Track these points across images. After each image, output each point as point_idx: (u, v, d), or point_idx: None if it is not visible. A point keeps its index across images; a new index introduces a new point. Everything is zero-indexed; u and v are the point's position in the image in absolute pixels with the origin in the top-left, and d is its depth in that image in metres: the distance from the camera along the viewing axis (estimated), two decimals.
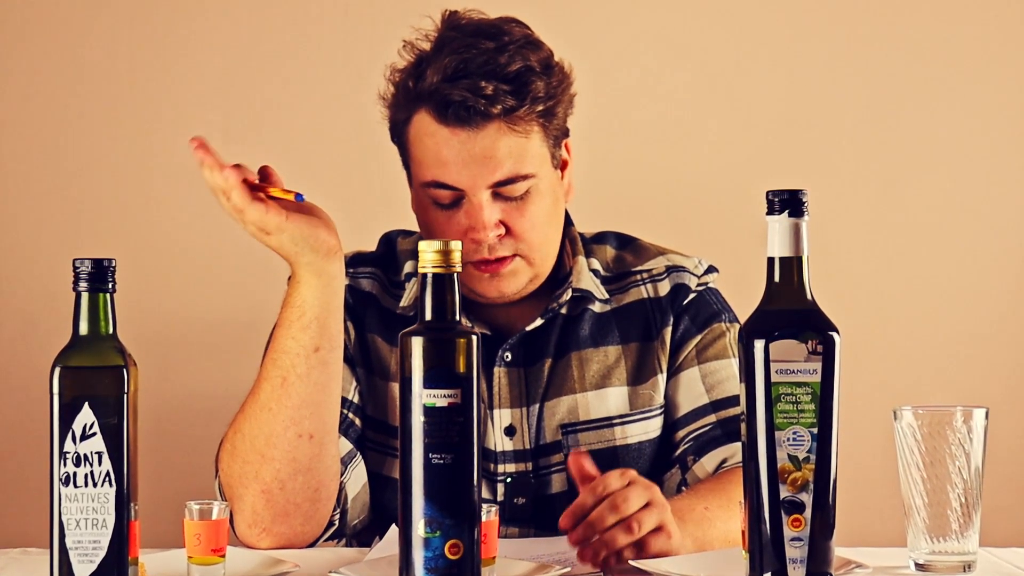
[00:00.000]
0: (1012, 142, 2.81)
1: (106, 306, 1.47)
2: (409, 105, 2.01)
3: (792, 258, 1.47)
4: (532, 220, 2.01)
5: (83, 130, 2.78)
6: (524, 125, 1.99)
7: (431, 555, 1.41)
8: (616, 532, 1.68)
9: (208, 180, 1.81)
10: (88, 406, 1.43)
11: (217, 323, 2.77)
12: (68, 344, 1.46)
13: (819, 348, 1.44)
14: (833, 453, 1.44)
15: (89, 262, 1.46)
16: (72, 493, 1.43)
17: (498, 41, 1.99)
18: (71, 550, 1.43)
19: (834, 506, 1.44)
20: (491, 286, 2.03)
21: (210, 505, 1.64)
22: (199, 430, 2.64)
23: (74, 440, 1.43)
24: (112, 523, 1.43)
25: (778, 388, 1.44)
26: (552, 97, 2.01)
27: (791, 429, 1.43)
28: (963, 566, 1.73)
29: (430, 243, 1.45)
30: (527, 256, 2.03)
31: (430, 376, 1.42)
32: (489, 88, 1.95)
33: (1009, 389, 2.80)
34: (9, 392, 2.75)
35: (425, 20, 2.04)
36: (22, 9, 2.77)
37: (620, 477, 1.72)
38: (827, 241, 2.66)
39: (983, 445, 1.74)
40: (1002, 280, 2.81)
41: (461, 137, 1.97)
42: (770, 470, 1.44)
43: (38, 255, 2.77)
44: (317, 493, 1.91)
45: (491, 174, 1.98)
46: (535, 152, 2.01)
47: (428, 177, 2.00)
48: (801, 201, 1.47)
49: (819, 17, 2.81)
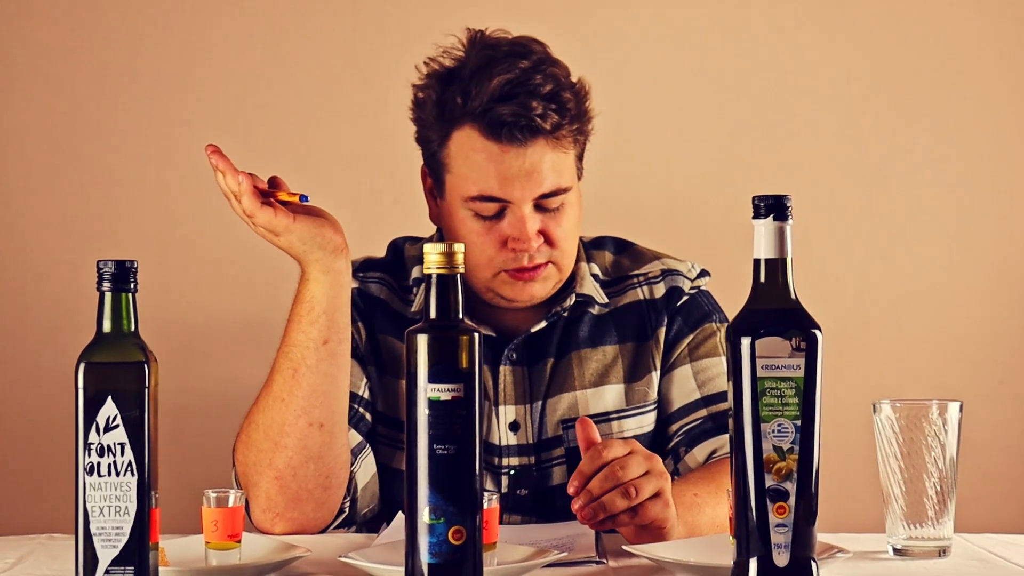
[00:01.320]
0: (982, 151, 2.81)
1: (128, 305, 1.47)
2: (451, 122, 2.01)
3: (777, 260, 1.47)
4: (566, 230, 2.03)
5: (106, 140, 2.78)
6: (565, 141, 2.01)
7: (435, 540, 1.41)
8: (614, 496, 1.68)
9: (221, 185, 1.82)
10: (111, 400, 1.43)
11: (232, 322, 2.77)
12: (92, 341, 1.46)
13: (802, 345, 1.44)
14: (816, 444, 1.44)
15: (112, 264, 1.46)
16: (96, 482, 1.43)
17: (530, 60, 2.00)
18: (95, 536, 1.43)
19: (816, 494, 1.44)
20: (524, 291, 2.03)
21: (226, 493, 1.64)
22: (216, 423, 2.64)
23: (98, 432, 1.43)
24: (134, 510, 1.43)
25: (763, 383, 1.44)
26: (582, 114, 2.03)
27: (776, 421, 1.43)
28: (939, 551, 1.73)
29: (435, 245, 1.45)
30: (558, 263, 2.04)
31: (434, 371, 1.42)
32: (539, 108, 1.97)
33: (982, 384, 2.79)
34: (37, 386, 2.75)
35: (449, 38, 2.03)
36: (47, 22, 2.77)
37: (623, 445, 1.72)
38: (810, 243, 2.66)
39: (957, 437, 1.74)
40: (976, 281, 2.81)
41: (511, 154, 1.98)
42: (756, 460, 1.44)
43: (64, 257, 2.77)
44: (328, 480, 1.91)
45: (537, 187, 1.99)
46: (571, 166, 2.03)
47: (474, 191, 2.00)
48: (785, 206, 1.47)
49: (801, 37, 2.81)
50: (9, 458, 2.76)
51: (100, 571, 1.43)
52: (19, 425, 2.76)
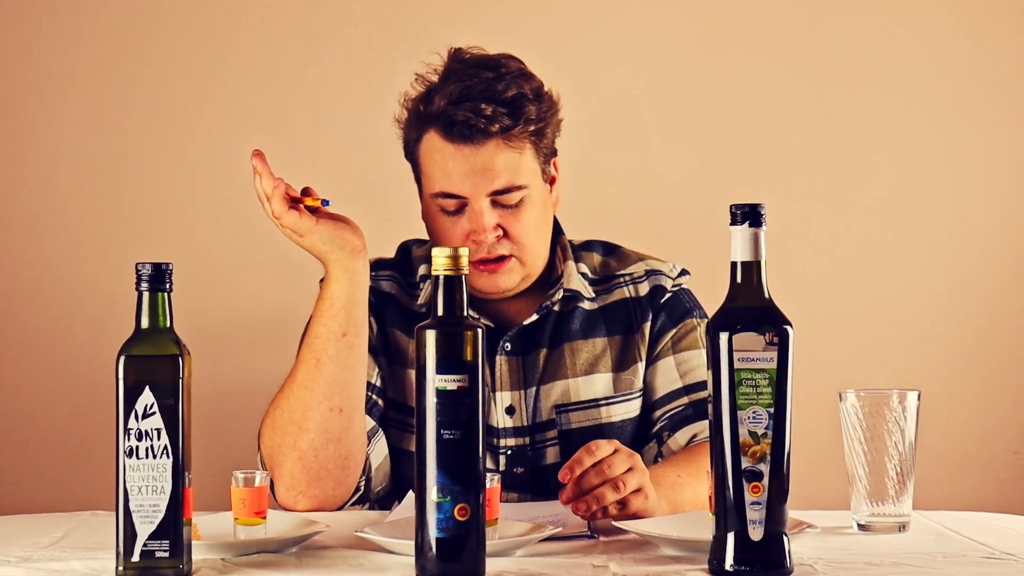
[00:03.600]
0: (936, 166, 2.81)
1: (164, 303, 1.47)
2: (420, 126, 2.02)
3: (752, 262, 1.47)
4: (525, 225, 2.02)
5: (143, 153, 2.78)
6: (518, 142, 2.00)
7: (443, 517, 1.41)
8: (604, 489, 1.70)
9: (257, 188, 1.84)
10: (148, 389, 1.43)
11: (257, 319, 2.77)
12: (131, 336, 1.46)
13: (775, 340, 1.44)
14: (787, 430, 1.44)
15: (149, 266, 1.46)
16: (135, 464, 1.43)
17: (496, 72, 2.00)
18: (134, 512, 1.43)
19: (788, 475, 1.44)
20: (490, 282, 2.04)
21: (253, 474, 1.64)
22: (244, 410, 2.64)
23: (136, 418, 1.43)
24: (169, 489, 1.43)
25: (740, 374, 1.44)
26: (542, 120, 2.02)
27: (751, 409, 1.43)
28: (898, 526, 1.73)
29: (442, 249, 1.45)
30: (520, 257, 2.04)
31: (441, 364, 1.42)
32: (488, 110, 1.96)
33: (938, 374, 2.79)
34: (81, 378, 2.75)
35: (434, 56, 2.04)
36: (95, 47, 2.78)
37: (609, 445, 1.75)
38: (783, 247, 2.66)
39: (916, 423, 1.74)
40: (931, 283, 2.81)
41: (464, 152, 1.98)
42: (733, 444, 1.44)
43: (105, 260, 2.77)
44: (346, 461, 1.91)
45: (490, 184, 1.99)
46: (528, 166, 2.02)
47: (436, 188, 2.01)
48: (760, 213, 1.47)
49: (773, 52, 2.81)
50: (56, 442, 2.77)
51: (138, 544, 1.43)
52: (65, 412, 2.76)
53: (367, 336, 1.91)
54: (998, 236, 2.81)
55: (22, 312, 2.78)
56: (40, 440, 2.77)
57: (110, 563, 1.49)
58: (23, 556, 1.58)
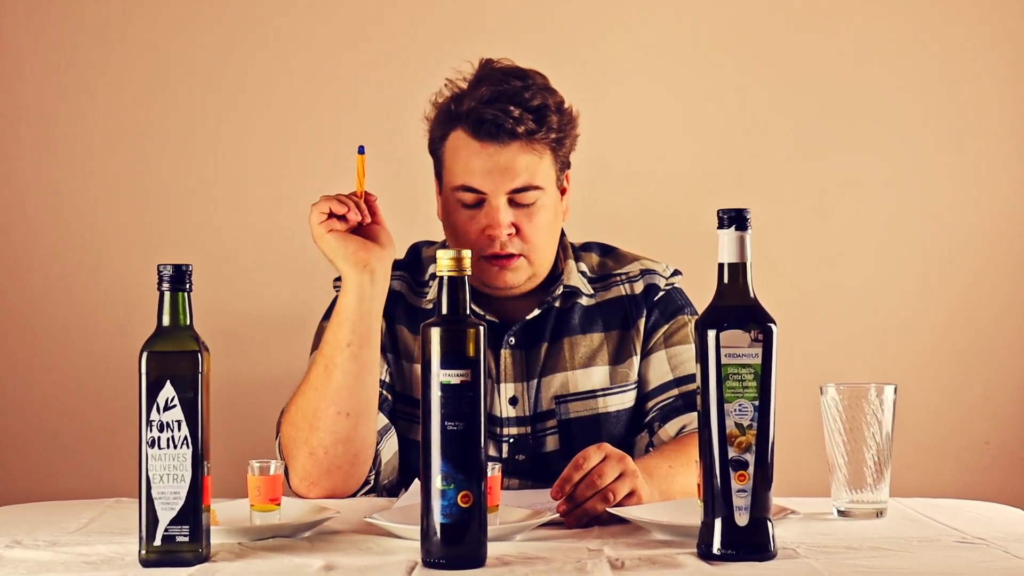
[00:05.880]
0: (906, 172, 2.81)
1: (184, 302, 1.47)
2: (448, 123, 2.02)
3: (738, 264, 1.47)
4: (537, 226, 2.02)
5: (167, 160, 2.78)
6: (539, 147, 2.00)
7: (447, 503, 1.41)
8: (595, 501, 1.68)
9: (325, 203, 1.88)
10: (170, 384, 1.43)
11: (273, 318, 2.77)
12: (153, 334, 1.46)
13: (760, 337, 1.44)
14: (771, 421, 1.44)
15: (171, 267, 1.46)
16: (157, 453, 1.43)
17: (524, 81, 2.02)
18: (156, 499, 1.43)
19: (772, 464, 1.44)
20: (499, 277, 2.03)
21: (268, 463, 1.64)
22: (260, 403, 2.64)
23: (158, 411, 1.43)
24: (189, 478, 1.43)
25: (727, 369, 1.44)
26: (563, 131, 2.03)
27: (737, 402, 1.43)
28: (876, 512, 1.73)
29: (446, 252, 1.45)
30: (529, 256, 2.04)
31: (445, 359, 1.42)
32: (516, 112, 1.97)
33: (914, 369, 2.79)
34: (106, 373, 2.75)
35: (464, 65, 2.05)
36: (117, 57, 2.77)
37: (597, 451, 1.71)
38: (768, 249, 2.66)
39: (892, 414, 1.74)
40: (907, 282, 2.81)
41: (489, 150, 1.99)
42: (720, 435, 1.44)
43: (129, 261, 2.76)
44: (356, 458, 1.91)
45: (510, 182, 1.99)
46: (545, 171, 2.02)
47: (458, 182, 2.01)
48: (745, 218, 1.47)
49: (758, 61, 2.81)
50: (83, 434, 2.76)
51: (160, 529, 1.43)
52: (91, 405, 2.76)
53: (378, 347, 1.91)
54: (967, 238, 2.81)
55: (52, 311, 2.77)
56: (68, 431, 2.77)
57: (133, 547, 1.49)
58: (51, 540, 1.58)
